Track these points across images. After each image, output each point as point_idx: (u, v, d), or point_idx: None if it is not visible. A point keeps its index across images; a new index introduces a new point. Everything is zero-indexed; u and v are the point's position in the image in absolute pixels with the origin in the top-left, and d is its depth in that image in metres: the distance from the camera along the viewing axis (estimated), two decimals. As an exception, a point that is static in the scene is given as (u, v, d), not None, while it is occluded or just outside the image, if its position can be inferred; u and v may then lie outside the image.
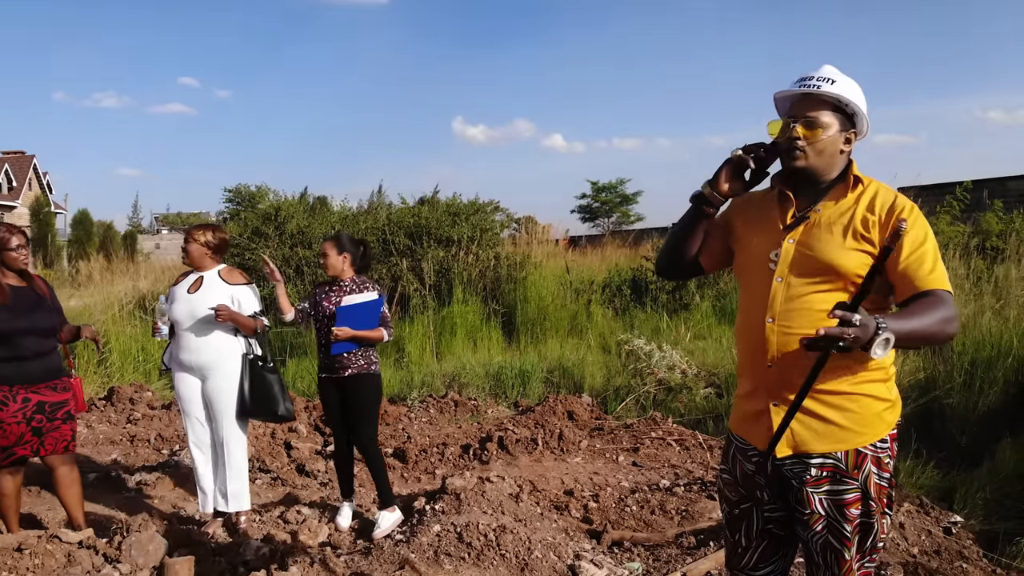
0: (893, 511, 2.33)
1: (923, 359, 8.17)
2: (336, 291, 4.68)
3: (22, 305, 4.12)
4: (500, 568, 3.83)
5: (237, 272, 4.73)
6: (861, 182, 2.30)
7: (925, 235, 2.19)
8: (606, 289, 13.10)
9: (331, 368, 4.65)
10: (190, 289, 4.55)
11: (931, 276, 2.14)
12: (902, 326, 2.01)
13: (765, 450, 2.30)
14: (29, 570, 3.92)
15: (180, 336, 4.54)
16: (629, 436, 6.81)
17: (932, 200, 14.22)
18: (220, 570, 3.82)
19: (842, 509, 2.25)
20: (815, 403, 2.23)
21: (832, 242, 2.23)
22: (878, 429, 2.26)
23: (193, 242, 4.58)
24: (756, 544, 2.46)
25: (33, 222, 35.73)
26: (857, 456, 2.24)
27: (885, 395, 2.27)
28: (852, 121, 2.32)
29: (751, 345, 2.35)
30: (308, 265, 11.91)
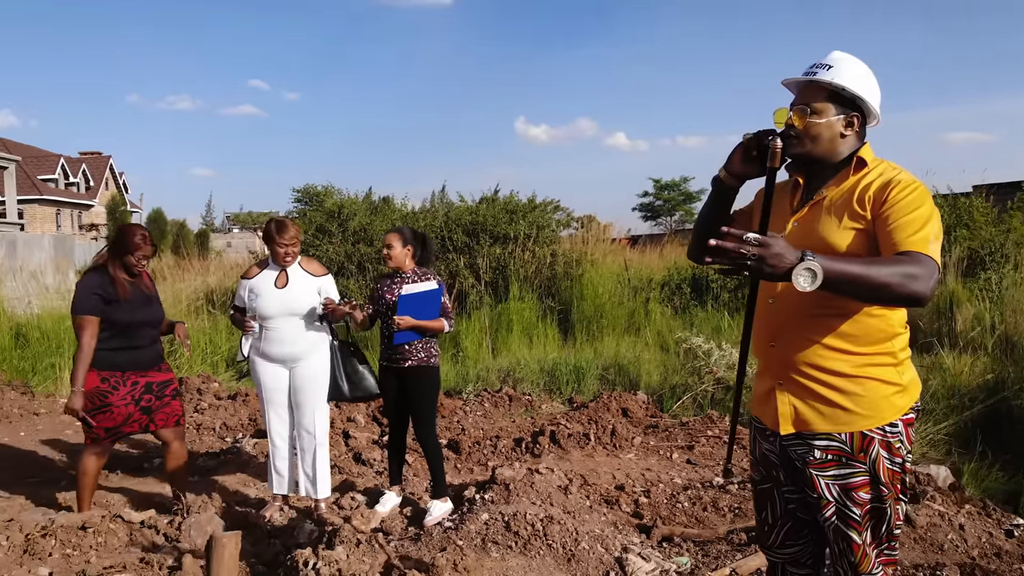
0: (908, 498, 2.35)
1: (992, 360, 7.94)
2: (398, 282, 4.76)
3: (138, 300, 4.47)
4: (546, 558, 3.85)
5: (315, 262, 4.84)
6: (865, 164, 2.32)
7: (919, 205, 2.17)
8: (665, 287, 13.01)
9: (392, 358, 4.72)
10: (277, 284, 4.61)
11: (911, 238, 2.13)
12: (837, 265, 2.03)
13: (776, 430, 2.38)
14: (92, 548, 4.09)
15: (269, 330, 4.60)
16: (684, 434, 6.75)
17: (1004, 197, 13.75)
18: (275, 552, 3.92)
19: (850, 493, 2.28)
20: (819, 385, 2.29)
21: (830, 223, 2.28)
22: (886, 413, 2.27)
23: (297, 243, 4.64)
24: (781, 524, 2.53)
25: (109, 220, 37.04)
26: (863, 439, 2.26)
27: (894, 379, 2.29)
28: (856, 106, 2.34)
29: (758, 326, 2.44)
30: (370, 261, 12.12)
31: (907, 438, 2.30)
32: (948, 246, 11.89)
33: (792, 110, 2.34)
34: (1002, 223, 12.74)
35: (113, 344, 4.38)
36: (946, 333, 9.46)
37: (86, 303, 4.31)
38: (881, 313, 2.26)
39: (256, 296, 4.59)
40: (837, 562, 2.36)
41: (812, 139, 2.32)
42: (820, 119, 2.31)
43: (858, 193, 2.25)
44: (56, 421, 7.42)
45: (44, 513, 4.73)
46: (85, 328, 4.30)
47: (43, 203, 43.25)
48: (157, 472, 5.82)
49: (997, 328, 8.68)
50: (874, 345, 2.27)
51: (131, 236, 4.43)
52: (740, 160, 2.41)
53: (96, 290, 4.34)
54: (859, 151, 2.33)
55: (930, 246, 2.12)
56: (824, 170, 2.36)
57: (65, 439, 6.74)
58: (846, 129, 2.33)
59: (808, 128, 2.31)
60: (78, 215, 47.67)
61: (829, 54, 2.38)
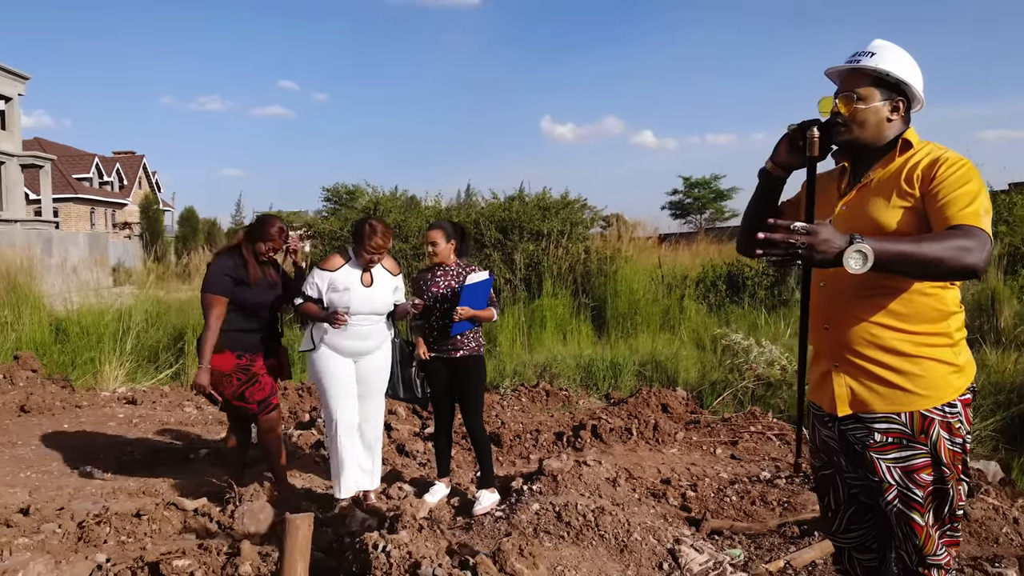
0: (970, 478, 2.33)
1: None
2: (442, 275, 4.78)
3: (264, 284, 4.68)
4: (599, 548, 3.83)
5: (392, 260, 4.85)
6: (911, 146, 2.33)
7: (967, 181, 2.17)
8: (700, 284, 12.92)
9: (444, 349, 4.74)
10: (364, 282, 4.57)
11: (962, 212, 2.12)
12: (887, 245, 2.05)
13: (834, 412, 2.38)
14: (147, 535, 4.14)
15: (349, 325, 4.52)
16: (727, 430, 6.70)
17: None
18: (329, 539, 3.94)
19: (912, 475, 2.27)
20: (876, 366, 2.29)
21: (879, 203, 2.29)
22: (944, 392, 2.27)
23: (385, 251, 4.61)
24: (844, 509, 2.54)
25: (142, 219, 37.52)
26: (923, 420, 2.26)
27: (951, 359, 2.29)
28: (900, 90, 2.35)
29: (812, 311, 2.43)
30: (405, 257, 12.15)
31: (966, 418, 2.30)
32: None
33: (837, 98, 2.36)
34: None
35: (243, 326, 4.60)
36: (989, 330, 9.33)
37: (217, 284, 4.52)
38: (934, 292, 2.26)
39: (341, 291, 4.50)
40: (901, 545, 2.35)
41: (859, 125, 2.34)
42: (866, 105, 2.33)
43: (906, 173, 2.27)
44: (99, 413, 7.52)
45: (95, 501, 4.79)
46: (213, 307, 4.50)
47: (77, 202, 43.89)
48: (203, 462, 5.88)
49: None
50: (929, 324, 2.27)
51: (269, 227, 4.65)
52: (786, 151, 2.45)
53: (228, 272, 4.54)
54: (904, 134, 2.35)
55: (981, 219, 2.12)
56: (871, 154, 2.38)
57: (108, 431, 6.82)
58: (892, 114, 2.35)
59: (855, 114, 2.34)
60: (112, 213, 48.33)
61: (871, 42, 2.40)
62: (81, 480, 5.38)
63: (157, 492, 5.06)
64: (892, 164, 2.33)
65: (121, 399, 8.22)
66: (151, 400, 8.14)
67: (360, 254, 4.53)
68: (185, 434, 6.71)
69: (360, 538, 2.98)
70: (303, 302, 4.58)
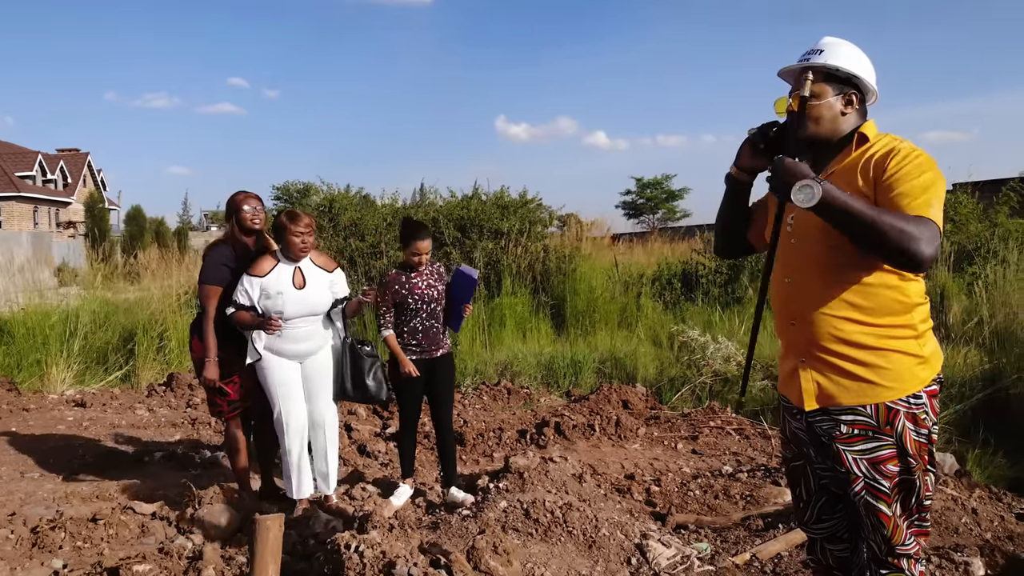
0: (936, 469, 2.38)
1: (985, 352, 8.01)
2: (417, 276, 4.71)
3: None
4: (568, 544, 3.82)
5: (325, 255, 4.71)
6: (868, 139, 2.37)
7: (922, 172, 2.21)
8: (655, 283, 13.03)
9: (427, 349, 4.71)
10: (296, 284, 4.41)
11: (915, 203, 2.17)
12: (840, 195, 2.15)
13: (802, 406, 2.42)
14: (104, 540, 4.02)
15: (286, 328, 4.39)
16: (687, 425, 6.76)
17: (987, 195, 13.93)
18: (292, 542, 3.86)
19: (878, 466, 2.31)
20: (840, 359, 2.32)
21: None
22: (909, 384, 2.30)
23: (313, 232, 4.47)
24: (815, 500, 2.58)
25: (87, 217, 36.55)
26: (888, 411, 2.29)
27: (916, 351, 2.32)
28: (853, 84, 2.40)
29: (777, 306, 2.52)
30: (361, 256, 12.02)
31: (932, 409, 2.34)
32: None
33: (791, 96, 2.41)
34: (987, 219, 12.90)
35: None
36: (938, 326, 9.54)
37: (216, 273, 4.46)
38: (897, 284, 2.30)
39: (273, 296, 4.34)
40: (870, 536, 2.38)
41: (814, 120, 2.39)
42: (819, 101, 2.38)
43: (862, 164, 2.32)
44: (47, 416, 7.29)
45: (47, 506, 4.64)
46: (212, 298, 4.43)
47: (20, 200, 42.63)
48: (158, 465, 5.74)
49: (987, 322, 8.76)
50: (893, 316, 2.30)
51: (233, 196, 4.57)
52: (748, 155, 2.52)
53: (226, 261, 4.47)
54: (861, 127, 2.39)
55: (931, 210, 2.17)
56: (829, 149, 2.42)
57: (58, 433, 6.62)
58: (846, 108, 2.40)
59: (809, 110, 2.38)
60: (56, 212, 47.03)
61: (820, 40, 2.46)
62: (32, 484, 5.20)
63: (111, 496, 4.92)
64: (849, 157, 2.37)
65: (70, 402, 7.99)
66: (101, 402, 7.93)
67: (290, 243, 4.35)
68: (137, 437, 6.54)
69: (332, 539, 2.93)
70: (235, 311, 4.38)
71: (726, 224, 2.73)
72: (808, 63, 2.39)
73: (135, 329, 10.31)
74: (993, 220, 12.79)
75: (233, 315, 4.39)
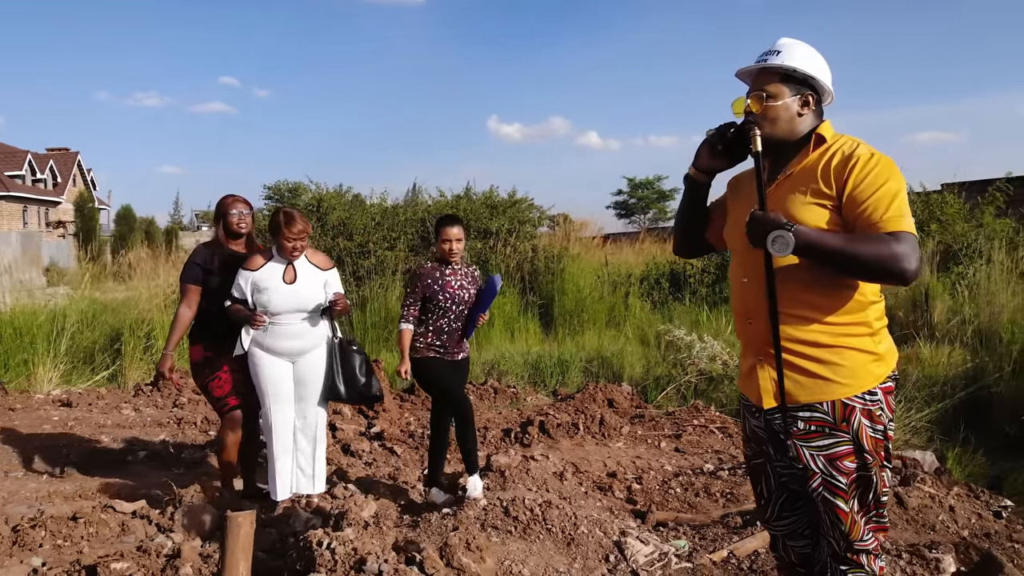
0: (892, 464, 2.39)
1: (968, 351, 8.07)
2: (452, 275, 4.61)
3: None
4: (546, 542, 3.85)
5: (320, 254, 4.68)
6: (825, 140, 2.40)
7: (885, 180, 2.24)
8: (644, 282, 13.08)
9: (450, 351, 4.62)
10: (286, 279, 4.40)
11: (886, 216, 2.20)
12: (814, 237, 2.19)
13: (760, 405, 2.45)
14: (84, 538, 4.02)
15: (276, 324, 4.38)
16: (671, 423, 6.79)
17: (974, 195, 14.02)
18: (272, 539, 3.87)
19: (835, 463, 2.33)
20: (798, 357, 2.34)
21: (794, 199, 2.36)
22: (864, 381, 2.33)
23: (307, 236, 4.43)
24: (776, 497, 2.60)
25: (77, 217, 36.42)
26: (844, 408, 2.32)
27: (871, 348, 2.35)
28: (809, 85, 2.43)
29: (736, 306, 2.56)
30: (349, 255, 12.03)
31: (887, 406, 2.36)
32: (922, 240, 12.10)
33: (749, 97, 2.45)
34: (973, 219, 12.98)
35: (211, 315, 4.52)
36: (922, 325, 9.60)
37: (187, 271, 4.55)
38: (851, 283, 2.32)
39: (262, 290, 4.34)
40: (829, 532, 2.41)
41: (771, 122, 2.41)
42: (777, 101, 2.40)
43: (821, 169, 2.33)
44: (33, 416, 7.28)
45: (29, 505, 4.65)
46: (184, 295, 4.55)
47: (9, 200, 42.44)
48: (141, 464, 5.74)
49: (971, 321, 8.83)
50: (848, 315, 2.33)
51: (221, 200, 4.62)
52: (707, 156, 2.54)
53: (199, 260, 4.55)
54: (818, 128, 2.42)
55: (904, 221, 2.20)
56: (787, 150, 2.44)
57: (43, 432, 6.61)
58: (802, 108, 2.42)
59: (766, 112, 2.42)
60: (45, 212, 46.85)
61: (776, 41, 2.48)
62: (15, 483, 5.21)
63: (94, 495, 4.93)
64: (808, 159, 2.39)
65: (56, 401, 7.97)
66: (87, 402, 7.92)
67: (281, 246, 4.35)
68: (122, 436, 6.54)
69: (304, 536, 2.94)
70: (231, 304, 4.42)
71: (685, 224, 2.78)
72: (766, 63, 2.42)
73: (122, 329, 10.29)
74: (979, 220, 12.88)
75: (228, 308, 4.44)
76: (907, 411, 6.44)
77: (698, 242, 2.80)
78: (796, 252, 2.19)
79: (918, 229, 10.01)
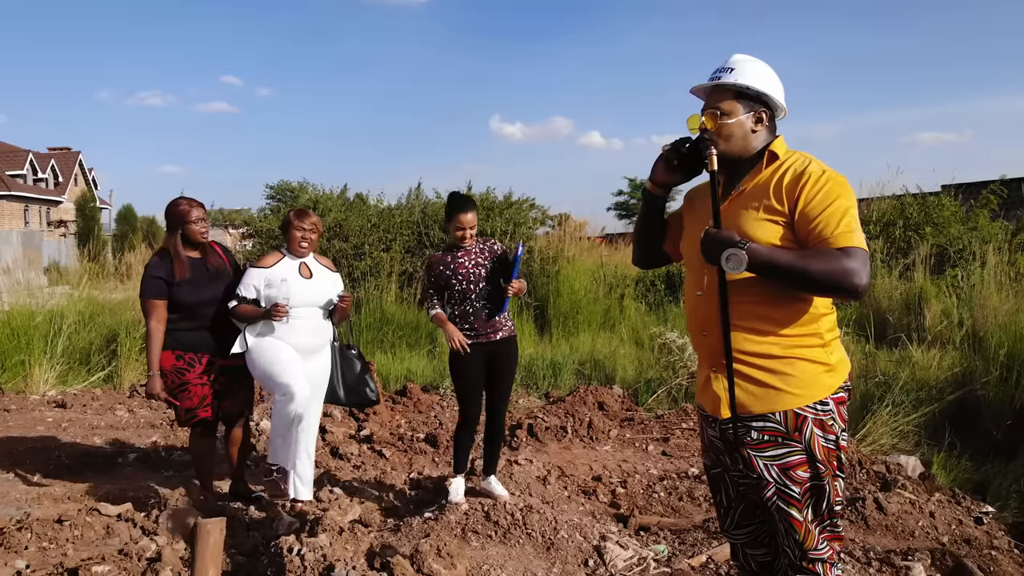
0: (844, 474, 2.41)
1: (960, 355, 8.09)
2: (464, 256, 4.46)
3: (202, 278, 4.46)
4: (526, 546, 3.89)
5: (326, 259, 4.75)
6: (777, 157, 2.43)
7: (835, 197, 2.27)
8: (639, 284, 13.09)
9: (483, 333, 4.40)
10: (303, 274, 4.47)
11: (837, 232, 2.24)
12: (767, 255, 2.24)
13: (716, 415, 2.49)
14: (69, 541, 4.06)
15: (294, 318, 4.37)
16: (660, 427, 6.82)
17: (972, 196, 14.02)
18: (254, 543, 3.91)
19: (788, 472, 2.37)
20: (750, 368, 2.38)
21: (747, 215, 2.40)
22: (816, 391, 2.36)
23: (317, 231, 4.53)
24: (735, 507, 2.63)
25: (78, 217, 36.50)
26: (796, 418, 2.35)
27: (823, 359, 2.38)
28: (762, 101, 2.46)
29: (690, 318, 2.60)
30: (345, 257, 12.06)
31: (839, 416, 2.40)
32: (917, 243, 12.12)
33: (703, 114, 2.49)
34: (969, 221, 12.99)
35: (183, 325, 4.43)
36: (915, 328, 9.62)
37: (148, 286, 4.40)
38: (805, 297, 2.36)
39: (279, 284, 4.35)
40: (784, 541, 2.44)
41: (726, 139, 2.46)
42: (731, 119, 2.45)
43: (773, 186, 2.37)
44: (27, 417, 7.33)
45: (18, 507, 4.68)
46: (150, 312, 4.40)
47: (11, 199, 42.57)
48: (132, 466, 5.78)
49: (965, 323, 8.85)
50: (799, 326, 2.37)
51: (176, 206, 4.47)
52: (663, 171, 2.60)
53: (157, 272, 4.40)
54: (771, 145, 2.46)
55: (854, 236, 2.23)
56: (740, 166, 2.49)
57: (36, 434, 6.66)
58: (756, 125, 2.47)
59: (720, 129, 2.46)
60: (46, 211, 46.98)
61: (730, 57, 2.52)
62: (5, 485, 5.24)
63: (82, 497, 4.96)
64: (761, 175, 2.43)
65: (51, 403, 8.02)
66: (82, 403, 7.97)
67: (291, 240, 4.45)
68: (115, 438, 6.58)
69: (275, 542, 2.98)
70: (237, 304, 4.39)
71: (642, 235, 2.84)
72: (720, 81, 2.46)
73: (118, 330, 10.33)
74: (974, 223, 12.88)
75: (235, 308, 4.39)
76: (895, 415, 6.46)
77: (655, 253, 2.85)
78: (750, 269, 2.25)
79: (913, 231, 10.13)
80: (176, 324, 4.44)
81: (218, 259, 4.61)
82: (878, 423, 6.32)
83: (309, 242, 4.47)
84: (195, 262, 4.48)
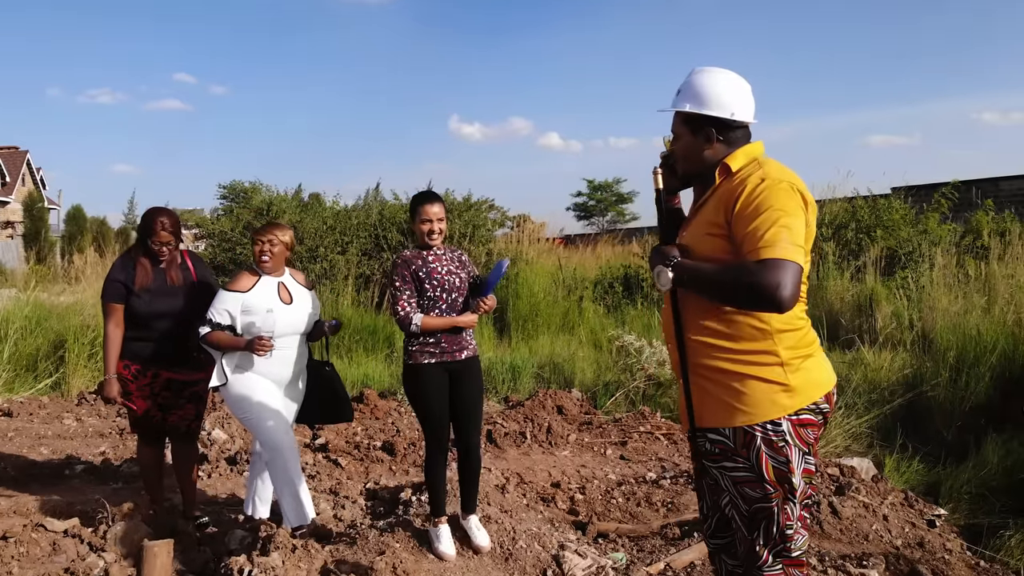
0: (797, 499, 2.35)
1: (910, 356, 8.24)
2: (435, 260, 3.97)
3: (160, 290, 4.30)
4: (484, 558, 3.85)
5: (301, 274, 4.45)
6: (730, 170, 2.44)
7: (767, 207, 2.23)
8: (598, 286, 13.14)
9: (448, 351, 3.91)
10: (283, 299, 4.14)
11: (759, 245, 2.18)
12: (692, 268, 2.33)
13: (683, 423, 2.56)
14: (14, 558, 3.93)
15: (276, 351, 4.06)
16: (617, 430, 6.84)
17: (922, 199, 14.31)
18: (205, 559, 3.82)
19: (739, 487, 2.39)
20: (705, 381, 2.42)
21: (698, 231, 2.45)
22: (766, 410, 2.32)
23: (279, 244, 4.15)
24: (711, 514, 2.65)
25: (26, 218, 35.57)
26: (745, 435, 2.34)
27: (779, 379, 2.33)
28: (711, 120, 2.47)
29: (664, 329, 2.65)
30: (300, 260, 11.91)
31: (798, 438, 2.33)
32: (868, 245, 12.33)
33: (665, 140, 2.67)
34: (919, 224, 13.25)
35: (133, 334, 4.30)
36: (866, 329, 9.79)
37: (107, 289, 4.28)
38: (752, 312, 2.33)
39: (262, 314, 4.03)
40: (741, 552, 2.48)
41: (681, 160, 2.58)
42: (679, 141, 2.56)
43: (720, 199, 2.39)
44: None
45: (-41, 525, 4.52)
46: (108, 316, 4.28)
47: (-46, 199, 41.35)
48: (80, 478, 5.63)
49: (915, 325, 9.01)
50: (751, 342, 2.34)
51: (150, 219, 4.28)
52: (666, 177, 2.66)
53: (118, 276, 4.27)
54: (726, 158, 2.46)
55: (778, 248, 2.15)
56: (706, 181, 2.52)
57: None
58: (706, 144, 2.49)
59: (675, 151, 2.58)
60: (-9, 212, 45.70)
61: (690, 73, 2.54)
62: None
63: (28, 511, 4.81)
64: (718, 190, 2.43)
65: (-5, 411, 7.78)
66: (28, 412, 7.74)
67: (254, 253, 4.15)
68: (62, 448, 6.41)
69: (226, 562, 2.91)
70: (210, 330, 4.01)
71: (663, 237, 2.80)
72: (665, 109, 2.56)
73: (66, 335, 10.06)
74: (924, 225, 13.14)
75: (207, 336, 4.01)
76: (847, 417, 6.56)
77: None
78: (679, 285, 2.33)
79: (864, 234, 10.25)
80: (130, 332, 4.30)
81: (180, 274, 4.37)
82: (832, 424, 6.40)
83: (270, 256, 4.11)
84: (157, 272, 4.31)
